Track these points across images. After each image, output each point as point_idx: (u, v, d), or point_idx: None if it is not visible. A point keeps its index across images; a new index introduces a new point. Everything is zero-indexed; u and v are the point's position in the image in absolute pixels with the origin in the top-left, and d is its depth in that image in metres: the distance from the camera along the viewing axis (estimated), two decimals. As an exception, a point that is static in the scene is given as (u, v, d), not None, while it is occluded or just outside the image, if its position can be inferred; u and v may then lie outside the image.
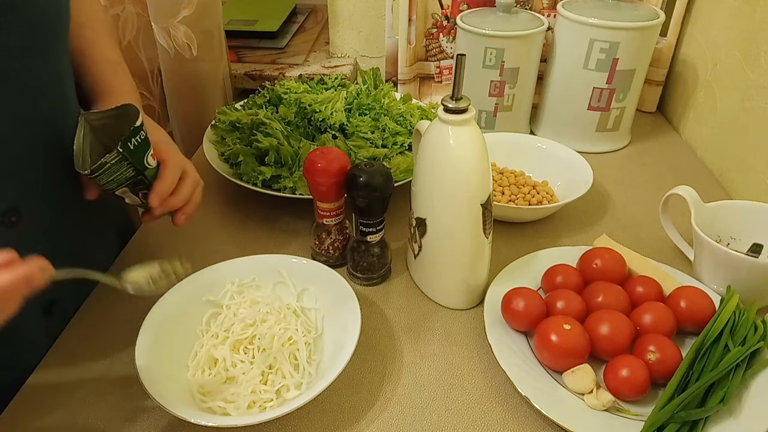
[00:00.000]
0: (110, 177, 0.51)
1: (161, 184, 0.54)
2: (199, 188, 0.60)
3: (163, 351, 0.52)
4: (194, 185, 0.59)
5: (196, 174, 0.60)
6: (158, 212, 0.56)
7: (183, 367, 0.53)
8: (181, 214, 0.58)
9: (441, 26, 1.00)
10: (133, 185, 0.53)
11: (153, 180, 0.54)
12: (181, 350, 0.55)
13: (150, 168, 0.53)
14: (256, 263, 0.61)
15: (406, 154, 0.77)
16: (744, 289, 0.57)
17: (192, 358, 0.54)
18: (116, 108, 0.53)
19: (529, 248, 0.67)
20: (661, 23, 0.83)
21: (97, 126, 0.53)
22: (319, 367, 0.54)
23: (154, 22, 0.88)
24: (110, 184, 0.52)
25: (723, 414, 0.48)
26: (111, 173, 0.50)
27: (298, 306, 0.59)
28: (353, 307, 0.55)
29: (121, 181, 0.52)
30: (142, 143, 0.51)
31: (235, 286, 0.60)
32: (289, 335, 0.54)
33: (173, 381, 0.50)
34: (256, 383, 0.51)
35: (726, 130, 0.84)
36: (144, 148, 0.52)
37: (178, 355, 0.54)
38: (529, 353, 0.55)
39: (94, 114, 0.53)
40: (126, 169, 0.51)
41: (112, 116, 0.53)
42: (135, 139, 0.50)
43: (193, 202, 0.59)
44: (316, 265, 0.61)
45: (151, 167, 0.54)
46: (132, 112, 0.51)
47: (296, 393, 0.51)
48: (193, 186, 0.59)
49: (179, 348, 0.55)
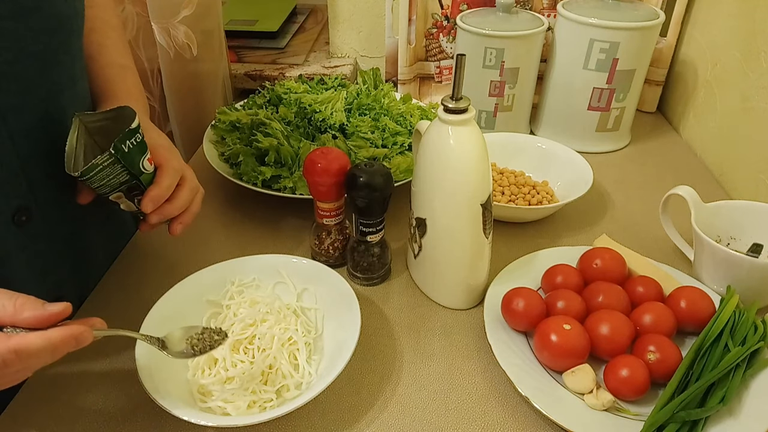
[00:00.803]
0: (102, 180, 0.49)
1: (155, 189, 0.52)
2: (199, 196, 0.58)
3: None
4: (192, 192, 0.56)
5: (196, 181, 0.58)
6: (154, 220, 0.54)
7: (183, 367, 0.53)
8: (177, 224, 0.55)
9: (441, 26, 1.00)
10: (127, 190, 0.52)
11: (149, 185, 0.52)
12: None
13: (146, 173, 0.51)
14: (257, 263, 0.61)
15: (406, 154, 0.77)
16: (744, 289, 0.57)
17: None
18: (113, 110, 0.52)
19: (529, 248, 0.67)
20: (661, 23, 0.83)
21: (93, 128, 0.52)
22: (319, 367, 0.54)
23: (154, 22, 0.88)
24: (103, 188, 0.50)
25: (723, 414, 0.48)
26: (103, 176, 0.49)
27: (298, 306, 0.59)
28: (353, 307, 0.55)
29: (114, 185, 0.50)
30: (137, 146, 0.49)
31: (236, 286, 0.60)
32: (289, 335, 0.54)
33: (173, 381, 0.50)
34: (256, 383, 0.51)
35: (726, 130, 0.84)
36: (140, 152, 0.50)
37: None
38: (529, 353, 0.55)
39: (90, 115, 0.52)
40: (120, 172, 0.49)
41: (109, 118, 0.52)
42: (130, 142, 0.48)
43: (191, 210, 0.56)
44: (316, 265, 0.61)
45: (148, 172, 0.52)
46: (128, 114, 0.50)
47: (296, 393, 0.51)
48: (191, 193, 0.56)
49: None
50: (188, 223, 0.56)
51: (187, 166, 0.57)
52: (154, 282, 0.65)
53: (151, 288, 0.62)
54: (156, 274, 0.66)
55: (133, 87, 0.62)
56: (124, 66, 0.63)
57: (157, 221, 0.54)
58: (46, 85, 0.50)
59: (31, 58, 0.48)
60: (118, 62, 0.63)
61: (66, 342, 0.40)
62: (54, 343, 0.39)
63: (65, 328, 0.40)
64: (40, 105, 0.50)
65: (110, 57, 0.62)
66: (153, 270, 0.67)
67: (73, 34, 0.53)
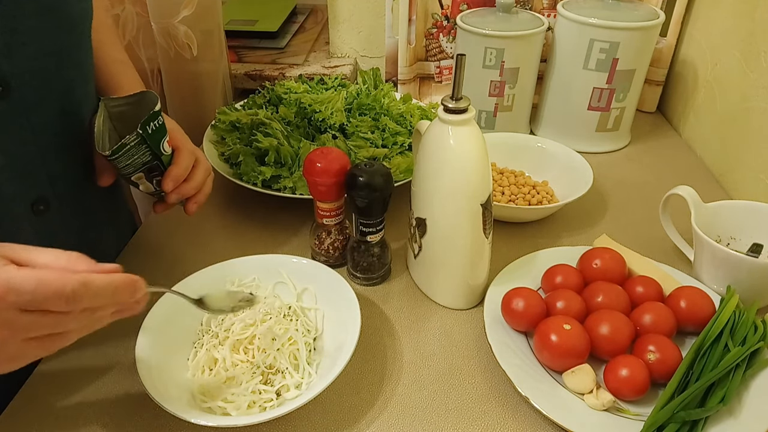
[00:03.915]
0: (129, 160, 0.52)
1: (176, 169, 0.56)
2: (210, 177, 0.62)
3: (163, 351, 0.52)
4: (206, 173, 0.61)
5: (208, 163, 0.62)
6: (172, 199, 0.58)
7: (183, 368, 0.53)
8: (193, 203, 0.59)
9: (441, 26, 1.00)
10: (148, 171, 0.55)
11: (167, 166, 0.56)
12: (180, 351, 0.55)
13: (165, 154, 0.55)
14: (257, 263, 0.61)
15: (406, 154, 0.77)
16: (744, 289, 0.57)
17: (192, 358, 0.54)
18: (136, 94, 0.55)
19: (529, 248, 0.67)
20: (661, 23, 0.83)
21: (114, 113, 0.55)
22: (319, 367, 0.54)
23: (154, 22, 0.88)
24: (128, 168, 0.53)
25: (723, 414, 0.48)
26: (129, 156, 0.52)
27: (298, 306, 0.59)
28: (353, 307, 0.55)
29: (137, 165, 0.53)
30: (159, 128, 0.53)
31: (235, 286, 0.60)
32: (290, 335, 0.54)
33: (173, 381, 0.50)
34: (256, 383, 0.51)
35: (726, 131, 0.84)
36: (161, 134, 0.53)
37: (178, 356, 0.54)
38: (529, 353, 0.55)
39: (114, 100, 0.55)
40: (144, 152, 0.53)
41: (131, 103, 0.55)
42: (153, 123, 0.52)
43: (204, 191, 0.60)
44: (316, 265, 0.61)
45: (167, 153, 0.55)
46: (151, 98, 0.53)
47: (296, 393, 0.51)
48: (205, 174, 0.60)
49: (179, 348, 0.55)
50: (202, 203, 0.61)
51: (198, 149, 0.61)
52: (155, 280, 0.64)
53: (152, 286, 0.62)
54: (157, 273, 0.66)
55: (135, 80, 0.65)
56: (124, 62, 0.66)
57: (176, 200, 0.58)
58: (63, 81, 0.53)
59: (50, 55, 0.51)
60: (119, 58, 0.66)
61: (127, 285, 0.39)
62: (116, 284, 0.38)
63: (125, 275, 0.39)
64: (58, 101, 0.53)
65: (112, 54, 0.65)
66: (154, 268, 0.67)
67: (85, 34, 0.56)
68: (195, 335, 0.57)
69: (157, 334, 0.53)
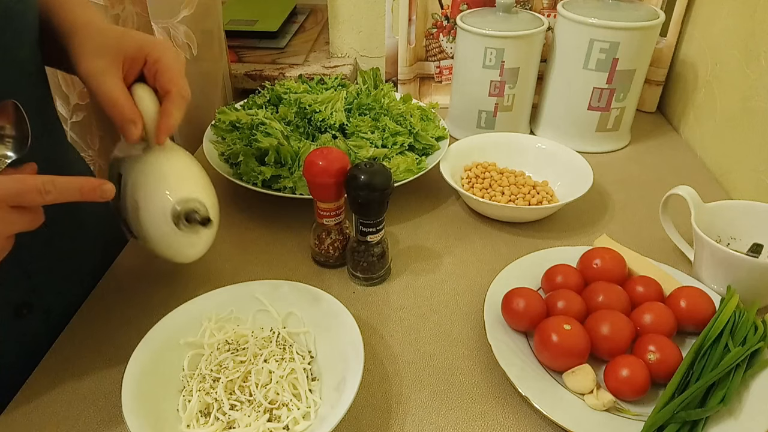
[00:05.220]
0: None
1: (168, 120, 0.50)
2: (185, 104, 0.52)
3: (152, 408, 0.47)
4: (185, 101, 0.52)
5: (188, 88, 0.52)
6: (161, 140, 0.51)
7: (175, 420, 0.48)
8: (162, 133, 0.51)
9: (441, 26, 1.00)
10: None
11: None
12: (170, 402, 0.49)
13: None
14: (229, 295, 0.57)
15: (406, 154, 0.77)
16: (744, 289, 0.57)
17: (183, 408, 0.49)
18: None
19: (529, 248, 0.67)
20: (661, 23, 0.83)
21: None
22: (322, 391, 0.51)
23: (154, 22, 0.88)
24: None
25: (723, 414, 0.48)
26: None
27: (285, 332, 0.55)
28: (346, 321, 0.53)
29: None
30: None
31: (212, 322, 0.55)
32: (285, 365, 0.51)
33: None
34: (263, 423, 0.46)
35: (726, 130, 0.84)
36: None
37: (168, 409, 0.49)
38: (529, 353, 0.55)
39: None
40: None
41: None
42: None
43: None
44: (293, 285, 0.57)
45: None
46: None
47: (306, 424, 0.47)
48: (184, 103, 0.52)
49: (168, 400, 0.49)
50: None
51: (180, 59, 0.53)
52: (155, 280, 0.65)
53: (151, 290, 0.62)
54: (158, 273, 0.66)
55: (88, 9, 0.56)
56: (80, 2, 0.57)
57: None
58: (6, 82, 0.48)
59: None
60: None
61: (92, 187, 0.42)
62: (81, 183, 0.42)
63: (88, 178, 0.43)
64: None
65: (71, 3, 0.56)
66: (155, 268, 0.67)
67: (27, 28, 0.50)
68: (179, 382, 0.51)
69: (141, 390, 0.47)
